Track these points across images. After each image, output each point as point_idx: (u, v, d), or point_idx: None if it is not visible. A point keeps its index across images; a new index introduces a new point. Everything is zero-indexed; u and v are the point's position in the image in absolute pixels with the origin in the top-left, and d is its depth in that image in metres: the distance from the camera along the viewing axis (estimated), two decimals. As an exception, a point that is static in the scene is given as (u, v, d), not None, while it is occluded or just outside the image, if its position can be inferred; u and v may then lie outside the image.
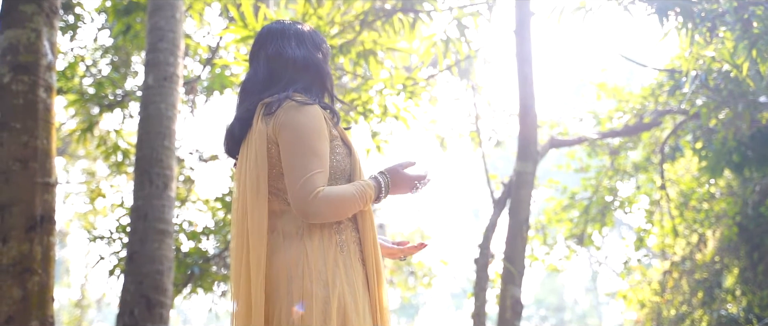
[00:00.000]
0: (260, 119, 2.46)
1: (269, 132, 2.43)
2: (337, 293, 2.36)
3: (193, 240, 9.14)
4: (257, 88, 2.56)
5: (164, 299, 5.97)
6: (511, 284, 6.94)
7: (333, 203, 2.36)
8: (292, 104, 2.43)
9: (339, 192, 2.39)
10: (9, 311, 3.94)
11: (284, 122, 2.41)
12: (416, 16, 6.83)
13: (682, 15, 5.84)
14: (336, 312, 2.34)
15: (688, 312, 10.11)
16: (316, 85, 2.59)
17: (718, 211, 10.01)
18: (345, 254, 2.45)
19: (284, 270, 2.36)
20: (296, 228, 2.42)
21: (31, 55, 4.27)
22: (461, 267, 36.34)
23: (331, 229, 2.45)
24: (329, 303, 2.34)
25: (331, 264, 2.39)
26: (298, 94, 2.50)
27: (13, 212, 4.06)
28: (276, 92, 2.51)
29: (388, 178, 2.53)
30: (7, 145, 4.15)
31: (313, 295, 2.33)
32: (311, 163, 2.36)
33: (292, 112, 2.42)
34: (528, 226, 7.19)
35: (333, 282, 2.37)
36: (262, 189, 2.41)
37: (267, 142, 2.43)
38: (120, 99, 9.81)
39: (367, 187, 2.46)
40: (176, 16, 6.61)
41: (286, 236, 2.41)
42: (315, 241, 2.40)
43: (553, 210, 11.24)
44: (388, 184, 2.53)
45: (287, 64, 2.57)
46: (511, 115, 13.01)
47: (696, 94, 7.56)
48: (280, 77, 2.55)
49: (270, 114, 2.44)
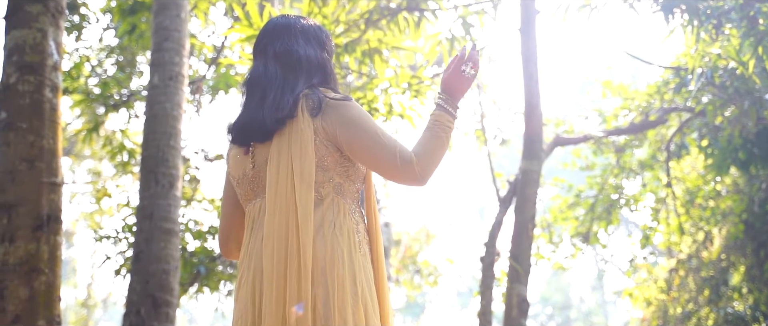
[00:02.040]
0: (305, 112, 2.47)
1: (317, 124, 2.45)
2: (361, 289, 2.40)
3: (198, 239, 9.15)
4: (275, 80, 2.55)
5: (170, 298, 5.98)
6: (517, 282, 6.93)
7: (431, 155, 2.45)
8: (339, 99, 2.49)
9: (426, 143, 2.47)
10: (16, 310, 3.95)
11: (343, 115, 2.45)
12: (421, 14, 6.83)
13: (688, 12, 5.83)
14: (362, 308, 2.37)
15: (695, 310, 10.10)
16: (325, 84, 2.60)
17: (725, 209, 9.99)
18: (362, 252, 2.48)
19: (319, 262, 2.37)
20: (329, 221, 2.43)
21: (36, 55, 4.27)
22: (467, 265, 36.36)
23: (352, 226, 2.48)
24: (358, 298, 2.37)
25: (356, 261, 2.43)
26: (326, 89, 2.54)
27: (19, 212, 4.07)
28: (296, 87, 2.52)
29: (444, 95, 2.59)
30: (13, 145, 4.16)
31: (346, 289, 2.36)
32: (388, 138, 2.43)
33: (342, 106, 2.47)
34: (534, 224, 7.18)
35: (359, 280, 2.40)
36: (308, 180, 2.42)
37: (314, 134, 2.45)
38: (125, 99, 9.83)
39: (438, 117, 2.53)
40: (181, 16, 6.62)
41: (319, 229, 2.42)
42: (344, 235, 2.43)
43: (558, 208, 11.23)
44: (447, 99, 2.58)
45: (297, 62, 2.57)
46: (516, 113, 13.00)
47: (702, 91, 7.55)
48: (297, 73, 2.56)
49: (317, 107, 2.46)
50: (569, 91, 35.63)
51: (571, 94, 34.86)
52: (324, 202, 2.46)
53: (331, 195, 2.47)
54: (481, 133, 12.00)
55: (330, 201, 2.46)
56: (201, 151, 10.86)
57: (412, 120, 7.22)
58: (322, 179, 2.46)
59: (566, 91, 36.12)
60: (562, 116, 11.18)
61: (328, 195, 2.47)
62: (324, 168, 2.46)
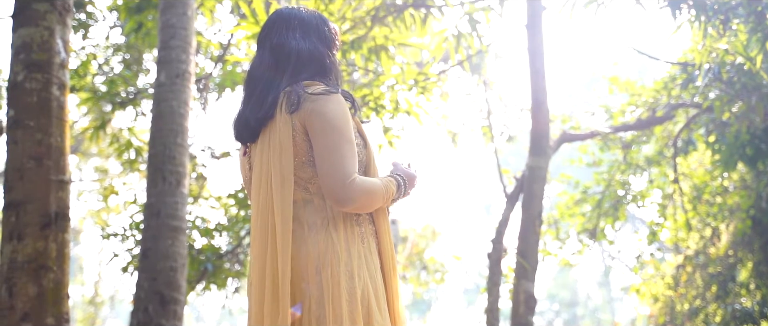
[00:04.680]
0: (284, 107, 2.44)
1: (295, 120, 2.42)
2: (362, 285, 2.37)
3: (205, 236, 9.17)
4: (265, 76, 2.55)
5: (178, 295, 5.99)
6: (524, 279, 6.93)
7: (366, 191, 2.39)
8: (319, 93, 2.43)
9: (371, 183, 2.42)
10: (24, 308, 3.96)
11: (314, 109, 2.40)
12: (427, 11, 6.83)
13: (695, 8, 5.82)
14: (360, 303, 2.35)
15: (702, 307, 10.08)
16: (319, 77, 2.56)
17: (732, 205, 9.96)
18: (365, 246, 2.46)
19: (312, 261, 2.36)
20: (322, 219, 2.41)
21: (44, 53, 4.28)
22: (473, 262, 36.34)
23: (352, 221, 2.45)
24: (355, 294, 2.35)
25: (356, 256, 2.40)
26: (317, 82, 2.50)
27: (27, 209, 4.08)
28: (287, 80, 2.51)
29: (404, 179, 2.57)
30: (21, 143, 4.17)
31: (342, 286, 2.33)
32: (344, 148, 2.38)
33: (321, 100, 2.42)
34: (541, 221, 7.17)
35: (358, 274, 2.38)
36: (287, 179, 2.41)
37: (292, 130, 2.42)
38: (132, 96, 9.85)
39: (390, 184, 2.49)
40: (188, 14, 6.62)
41: (312, 227, 2.40)
42: (340, 233, 2.41)
43: (565, 204, 11.22)
44: (405, 185, 2.57)
45: (290, 56, 2.55)
46: (522, 109, 12.98)
47: (709, 87, 7.53)
48: (284, 68, 2.53)
49: (295, 103, 2.43)
50: (576, 88, 35.58)
51: (578, 90, 34.81)
52: (314, 200, 2.44)
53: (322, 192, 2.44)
54: (487, 129, 12.00)
55: (321, 198, 2.44)
56: (208, 148, 10.88)
57: (418, 117, 7.22)
58: (309, 175, 2.44)
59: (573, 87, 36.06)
60: (568, 112, 11.16)
61: (319, 191, 2.44)
62: (310, 164, 2.44)
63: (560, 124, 10.65)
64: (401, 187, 2.54)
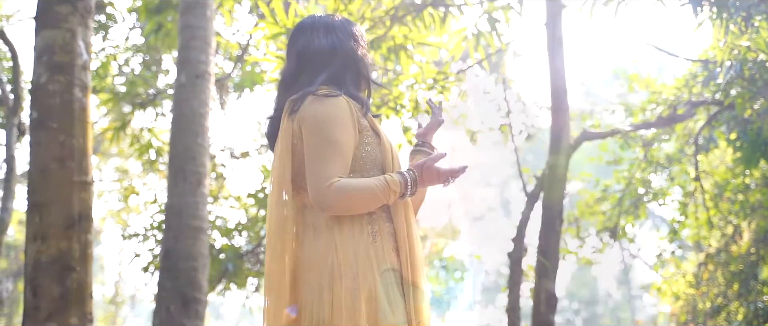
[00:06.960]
0: (287, 115, 2.49)
1: (294, 127, 2.46)
2: (368, 285, 2.35)
3: (225, 236, 9.20)
4: (288, 82, 2.60)
5: (200, 295, 6.02)
6: (545, 278, 6.91)
7: (348, 195, 2.35)
8: (314, 97, 2.45)
9: (356, 185, 2.38)
10: (49, 308, 3.99)
11: (304, 115, 2.43)
12: (446, 10, 6.81)
13: (717, 5, 5.77)
14: (365, 304, 2.33)
15: (724, 305, 10.01)
16: (348, 72, 2.59)
17: (754, 202, 9.89)
18: (377, 245, 2.43)
19: (315, 264, 2.38)
20: (325, 221, 2.42)
21: (66, 55, 4.31)
22: (493, 261, 36.24)
23: (362, 220, 2.44)
24: (358, 296, 2.33)
25: (363, 257, 2.38)
26: (324, 86, 2.51)
27: (51, 210, 4.11)
28: (304, 85, 2.53)
29: (416, 174, 2.49)
30: (44, 144, 4.20)
31: (343, 288, 2.33)
32: (327, 153, 2.37)
33: (314, 104, 2.43)
34: (561, 219, 7.15)
35: (363, 275, 2.36)
36: (285, 185, 2.45)
37: (292, 137, 2.46)
38: (152, 97, 9.90)
39: (390, 182, 2.42)
40: (207, 14, 6.65)
41: (316, 229, 2.43)
42: (345, 234, 2.40)
43: (585, 202, 11.17)
44: (415, 179, 2.48)
45: (315, 56, 2.57)
46: (542, 108, 12.93)
47: (730, 84, 7.46)
48: (307, 69, 2.57)
49: (295, 110, 2.47)
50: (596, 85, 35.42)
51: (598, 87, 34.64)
52: None
53: None
54: (507, 128, 11.96)
55: None
56: (227, 148, 10.92)
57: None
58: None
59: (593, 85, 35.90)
60: (588, 110, 11.11)
61: None
62: None
63: (580, 122, 10.61)
64: (408, 182, 2.46)
